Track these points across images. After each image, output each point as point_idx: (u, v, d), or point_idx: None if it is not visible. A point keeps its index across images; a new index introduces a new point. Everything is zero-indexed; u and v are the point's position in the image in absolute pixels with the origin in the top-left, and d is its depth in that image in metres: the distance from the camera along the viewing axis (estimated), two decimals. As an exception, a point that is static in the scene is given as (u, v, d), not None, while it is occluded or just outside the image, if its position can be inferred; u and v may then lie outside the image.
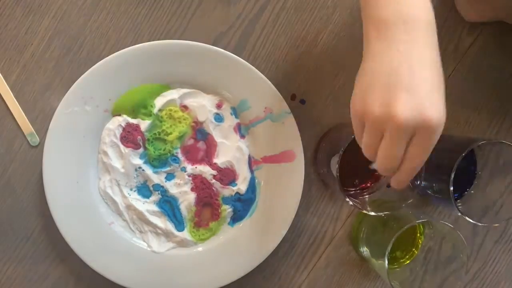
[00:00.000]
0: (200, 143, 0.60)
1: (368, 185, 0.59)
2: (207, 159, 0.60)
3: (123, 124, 0.59)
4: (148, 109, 0.59)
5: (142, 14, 0.60)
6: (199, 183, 0.60)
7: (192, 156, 0.60)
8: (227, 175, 0.60)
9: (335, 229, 0.63)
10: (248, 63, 0.58)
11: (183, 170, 0.60)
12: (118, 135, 0.59)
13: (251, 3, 0.61)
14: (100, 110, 0.58)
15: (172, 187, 0.60)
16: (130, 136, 0.59)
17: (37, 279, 0.61)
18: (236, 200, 0.60)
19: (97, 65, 0.57)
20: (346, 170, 0.52)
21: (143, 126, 0.59)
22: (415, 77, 0.36)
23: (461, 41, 0.62)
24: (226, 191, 0.60)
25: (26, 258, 0.61)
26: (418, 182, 0.53)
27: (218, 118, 0.60)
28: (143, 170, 0.59)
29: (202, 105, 0.60)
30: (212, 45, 0.58)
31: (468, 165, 0.59)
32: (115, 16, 0.60)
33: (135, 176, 0.60)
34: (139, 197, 0.60)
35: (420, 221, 0.53)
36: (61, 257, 0.61)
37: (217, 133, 0.60)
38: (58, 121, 0.58)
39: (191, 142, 0.60)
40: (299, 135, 0.59)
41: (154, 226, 0.60)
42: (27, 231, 0.61)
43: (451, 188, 0.51)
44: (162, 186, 0.60)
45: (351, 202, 0.53)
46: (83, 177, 0.59)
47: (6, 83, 0.60)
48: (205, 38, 0.60)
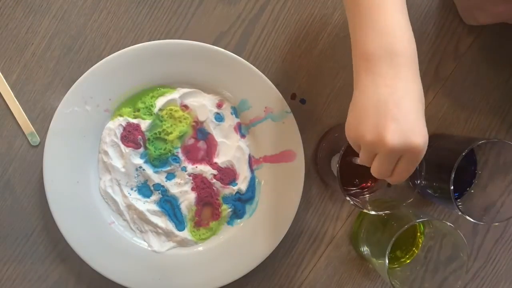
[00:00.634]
0: (200, 143, 0.60)
1: (368, 184, 0.59)
2: (208, 159, 0.60)
3: (124, 123, 0.59)
4: (148, 108, 0.59)
5: (143, 14, 0.60)
6: (200, 183, 0.60)
7: (192, 155, 0.60)
8: (228, 175, 0.60)
9: (335, 229, 0.63)
10: (248, 63, 0.58)
11: (184, 169, 0.60)
12: (119, 135, 0.59)
13: (251, 3, 0.61)
14: (100, 110, 0.58)
15: (172, 187, 0.60)
16: (130, 135, 0.59)
17: (37, 279, 0.61)
18: (236, 199, 0.60)
19: (97, 65, 0.57)
20: (346, 169, 0.52)
21: (144, 126, 0.59)
22: (401, 109, 0.41)
23: (461, 41, 0.62)
24: (227, 191, 0.60)
25: (26, 258, 0.61)
26: (418, 182, 0.53)
27: (219, 118, 0.60)
28: (144, 169, 0.59)
29: (203, 104, 0.60)
30: (212, 45, 0.58)
31: (468, 164, 0.60)
32: (116, 16, 0.60)
33: (136, 175, 0.60)
34: (140, 196, 0.60)
35: (420, 220, 0.53)
36: (61, 257, 0.61)
37: (217, 132, 0.60)
38: (58, 120, 0.58)
39: (192, 141, 0.60)
40: (299, 135, 0.59)
41: (155, 225, 0.60)
42: (27, 231, 0.61)
43: (451, 187, 0.51)
44: (163, 186, 0.60)
45: (352, 202, 0.53)
46: (84, 176, 0.59)
47: (6, 83, 0.60)
48: (205, 38, 0.60)
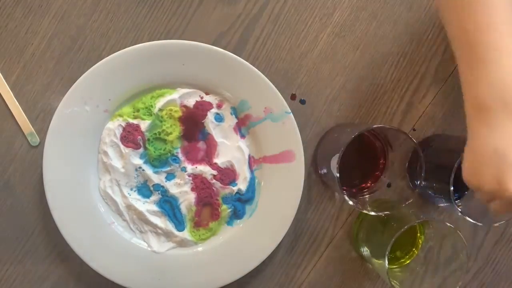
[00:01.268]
0: (200, 143, 0.60)
1: (368, 185, 0.59)
2: (207, 159, 0.60)
3: (123, 124, 0.59)
4: (148, 109, 0.59)
5: (142, 14, 0.60)
6: (199, 183, 0.60)
7: (192, 156, 0.60)
8: (227, 175, 0.60)
9: (335, 229, 0.63)
10: (248, 63, 0.58)
11: (183, 170, 0.60)
12: (118, 135, 0.59)
13: (251, 3, 0.61)
14: (100, 110, 0.58)
15: (172, 187, 0.60)
16: (130, 136, 0.59)
17: (37, 279, 0.61)
18: (236, 200, 0.60)
19: (97, 65, 0.57)
20: (346, 170, 0.52)
21: (143, 126, 0.59)
22: None
23: (461, 41, 0.62)
24: (226, 191, 0.60)
25: (26, 258, 0.61)
26: (418, 182, 0.53)
27: (218, 118, 0.60)
28: (143, 170, 0.59)
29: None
30: (212, 45, 0.58)
31: None
32: (115, 16, 0.60)
33: (135, 176, 0.60)
34: (139, 197, 0.60)
35: (420, 221, 0.53)
36: (61, 257, 0.61)
37: (217, 133, 0.60)
38: (58, 121, 0.58)
39: (192, 141, 0.60)
40: (299, 135, 0.59)
41: (154, 226, 0.60)
42: (27, 231, 0.61)
43: (451, 188, 0.51)
44: (162, 186, 0.60)
45: (351, 202, 0.53)
46: (84, 177, 0.59)
47: (6, 83, 0.60)
48: (205, 38, 0.60)
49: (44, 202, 0.59)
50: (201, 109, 0.59)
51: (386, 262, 0.51)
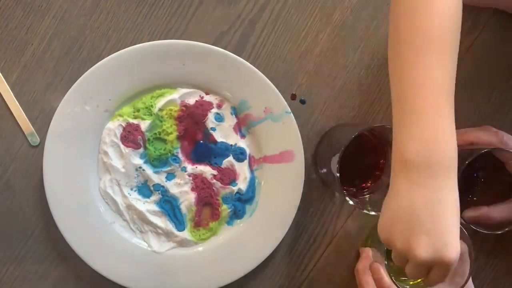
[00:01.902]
0: (200, 143, 0.60)
1: (368, 184, 0.59)
2: (208, 159, 0.60)
3: (124, 124, 0.59)
4: (148, 109, 0.59)
5: (142, 14, 0.60)
6: (200, 183, 0.60)
7: (192, 156, 0.60)
8: (228, 175, 0.60)
9: (335, 229, 0.63)
10: (248, 63, 0.58)
11: (184, 170, 0.60)
12: (119, 135, 0.59)
13: (251, 3, 0.61)
14: (100, 110, 0.58)
15: (172, 187, 0.60)
16: (130, 136, 0.59)
17: (37, 279, 0.61)
18: (236, 200, 0.60)
19: (97, 65, 0.57)
20: (346, 170, 0.52)
21: (144, 126, 0.59)
22: (434, 222, 0.40)
23: (461, 41, 0.62)
24: (227, 191, 0.60)
25: (26, 258, 0.61)
26: None
27: (219, 118, 0.60)
28: (144, 170, 0.59)
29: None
30: (212, 45, 0.58)
31: (470, 171, 0.59)
32: (115, 16, 0.60)
33: (136, 176, 0.60)
34: (140, 197, 0.60)
35: None
36: (61, 257, 0.61)
37: (217, 133, 0.60)
38: (58, 121, 0.58)
39: (192, 141, 0.60)
40: (299, 135, 0.59)
41: (155, 226, 0.60)
42: (27, 231, 0.61)
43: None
44: (163, 186, 0.60)
45: (352, 202, 0.53)
46: (84, 177, 0.59)
47: (6, 83, 0.60)
48: (205, 38, 0.60)
49: (44, 202, 0.59)
50: (201, 109, 0.59)
51: (386, 261, 0.51)
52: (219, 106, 0.60)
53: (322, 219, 0.63)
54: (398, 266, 0.44)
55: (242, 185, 0.60)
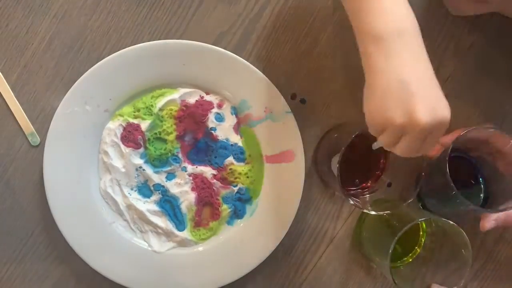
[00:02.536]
0: (200, 143, 0.60)
1: (368, 184, 0.59)
2: (208, 159, 0.60)
3: (124, 123, 0.59)
4: (148, 109, 0.59)
5: (143, 14, 0.60)
6: (200, 183, 0.60)
7: (192, 156, 0.60)
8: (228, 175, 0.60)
9: (336, 229, 0.63)
10: (248, 63, 0.58)
11: (184, 169, 0.60)
12: (119, 135, 0.59)
13: (251, 3, 0.61)
14: (100, 110, 0.58)
15: (172, 187, 0.60)
16: (130, 135, 0.59)
17: (37, 279, 0.61)
18: (236, 199, 0.60)
19: (97, 65, 0.58)
20: (346, 169, 0.52)
21: (144, 126, 0.59)
22: (424, 86, 0.42)
23: (461, 41, 0.62)
24: (227, 191, 0.60)
25: (26, 258, 0.61)
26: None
27: (219, 118, 0.60)
28: (144, 169, 0.59)
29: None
30: (212, 45, 0.58)
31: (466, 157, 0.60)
32: (116, 16, 0.60)
33: (136, 175, 0.60)
34: (140, 196, 0.60)
35: (422, 219, 0.53)
36: (61, 257, 0.61)
37: (218, 132, 0.60)
38: (58, 121, 0.58)
39: (192, 141, 0.60)
40: (299, 135, 0.59)
41: (155, 225, 0.60)
42: (27, 231, 0.61)
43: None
44: (163, 186, 0.60)
45: (352, 202, 0.53)
46: (84, 177, 0.59)
47: (7, 83, 0.60)
48: (205, 38, 0.60)
49: (44, 202, 0.59)
50: (201, 108, 0.59)
51: (389, 260, 0.51)
52: (220, 106, 0.60)
53: (322, 219, 0.63)
54: (389, 147, 0.44)
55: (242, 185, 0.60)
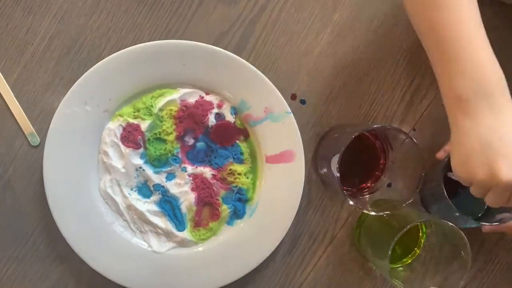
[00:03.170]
0: (200, 143, 0.60)
1: (368, 184, 0.59)
2: (208, 159, 0.60)
3: (124, 124, 0.59)
4: (148, 109, 0.59)
5: (143, 14, 0.60)
6: (200, 183, 0.60)
7: (192, 156, 0.60)
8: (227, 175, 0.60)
9: (335, 229, 0.63)
10: (248, 63, 0.58)
11: (184, 170, 0.60)
12: (119, 135, 0.59)
13: (251, 3, 0.61)
14: (100, 110, 0.58)
15: (172, 187, 0.60)
16: (130, 136, 0.59)
17: (37, 279, 0.61)
18: (236, 200, 0.60)
19: (97, 65, 0.57)
20: (346, 170, 0.52)
21: (144, 126, 0.59)
22: (506, 144, 0.43)
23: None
24: (227, 191, 0.60)
25: (26, 258, 0.61)
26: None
27: (219, 118, 0.60)
28: (144, 170, 0.59)
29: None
30: (212, 45, 0.58)
31: None
32: (116, 16, 0.60)
33: (136, 176, 0.60)
34: (140, 197, 0.60)
35: (422, 220, 0.53)
36: (61, 257, 0.61)
37: (217, 132, 0.60)
38: (58, 121, 0.58)
39: (192, 142, 0.60)
40: (299, 135, 0.59)
41: (155, 226, 0.60)
42: (27, 231, 0.61)
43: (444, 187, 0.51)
44: (163, 186, 0.60)
45: (352, 202, 0.53)
46: (84, 177, 0.59)
47: (6, 83, 0.60)
48: (205, 38, 0.60)
49: (44, 202, 0.59)
50: (201, 109, 0.59)
51: (388, 261, 0.51)
52: (219, 106, 0.60)
53: (322, 219, 0.63)
54: (477, 196, 0.46)
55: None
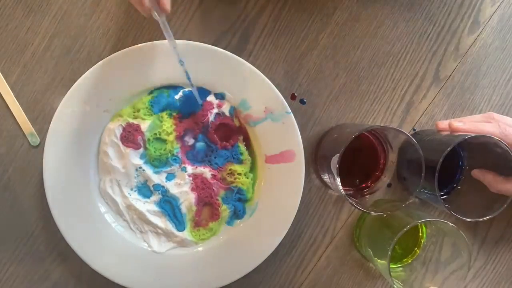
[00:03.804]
0: (200, 143, 0.60)
1: (368, 184, 0.59)
2: (208, 159, 0.60)
3: (124, 124, 0.59)
4: (148, 109, 0.59)
5: (143, 14, 0.60)
6: (200, 183, 0.60)
7: (192, 156, 0.60)
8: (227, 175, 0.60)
9: (335, 229, 0.63)
10: (248, 63, 0.58)
11: (184, 170, 0.60)
12: (119, 135, 0.59)
13: (251, 3, 0.61)
14: (100, 110, 0.58)
15: (172, 187, 0.60)
16: (130, 136, 0.59)
17: (37, 279, 0.61)
18: (236, 200, 0.60)
19: (97, 65, 0.57)
20: (346, 170, 0.52)
21: (144, 126, 0.59)
22: None
23: (461, 41, 0.62)
24: (226, 191, 0.60)
25: (26, 258, 0.61)
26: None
27: (219, 118, 0.60)
28: (144, 170, 0.59)
29: (203, 105, 0.60)
30: (212, 45, 0.58)
31: (456, 159, 0.59)
32: (116, 16, 0.60)
33: (136, 176, 0.60)
34: (140, 197, 0.60)
35: (422, 220, 0.53)
36: (61, 257, 0.61)
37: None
38: (58, 121, 0.58)
39: (192, 142, 0.60)
40: (299, 135, 0.59)
41: (155, 226, 0.60)
42: (27, 231, 0.61)
43: (436, 183, 0.51)
44: (163, 186, 0.60)
45: (351, 202, 0.53)
46: (84, 177, 0.59)
47: (6, 83, 0.60)
48: (205, 38, 0.60)
49: (44, 202, 0.59)
50: (201, 109, 0.59)
51: (388, 261, 0.51)
52: (220, 106, 0.60)
53: (322, 219, 0.63)
54: None
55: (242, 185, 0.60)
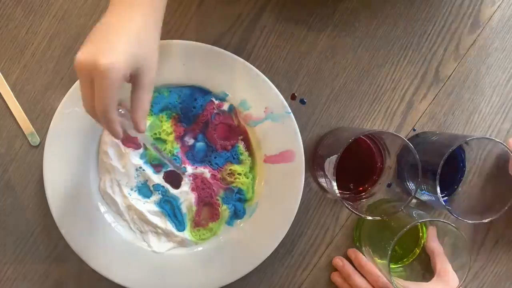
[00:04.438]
0: (200, 143, 0.60)
1: (365, 188, 0.59)
2: (208, 159, 0.60)
3: (124, 124, 0.59)
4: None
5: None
6: (200, 183, 0.60)
7: (192, 156, 0.60)
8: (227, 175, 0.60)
9: (335, 229, 0.63)
10: (248, 63, 0.58)
11: (184, 170, 0.60)
12: (119, 135, 0.59)
13: (251, 3, 0.61)
14: (100, 110, 0.58)
15: (172, 187, 0.60)
16: (130, 136, 0.59)
17: (37, 279, 0.61)
18: (236, 200, 0.60)
19: (97, 65, 0.57)
20: (343, 173, 0.52)
21: (144, 126, 0.59)
22: (102, 35, 0.44)
23: (461, 41, 0.62)
24: (226, 191, 0.60)
25: (26, 258, 0.61)
26: (415, 184, 0.52)
27: (219, 118, 0.60)
28: (144, 170, 0.59)
29: (202, 105, 0.60)
30: (212, 45, 0.58)
31: (457, 160, 0.59)
32: (116, 16, 0.60)
33: (136, 176, 0.60)
34: (140, 197, 0.60)
35: (422, 220, 0.53)
36: (61, 257, 0.61)
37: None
38: (58, 121, 0.58)
39: (192, 142, 0.60)
40: (299, 135, 0.59)
41: (155, 226, 0.60)
42: (27, 231, 0.61)
43: (438, 187, 0.51)
44: (163, 186, 0.60)
45: (347, 206, 0.52)
46: (84, 177, 0.59)
47: (6, 83, 0.60)
48: (205, 38, 0.60)
49: (44, 202, 0.59)
50: (201, 109, 0.59)
51: (388, 261, 0.51)
52: (220, 106, 0.60)
53: (322, 220, 0.63)
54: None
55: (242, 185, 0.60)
